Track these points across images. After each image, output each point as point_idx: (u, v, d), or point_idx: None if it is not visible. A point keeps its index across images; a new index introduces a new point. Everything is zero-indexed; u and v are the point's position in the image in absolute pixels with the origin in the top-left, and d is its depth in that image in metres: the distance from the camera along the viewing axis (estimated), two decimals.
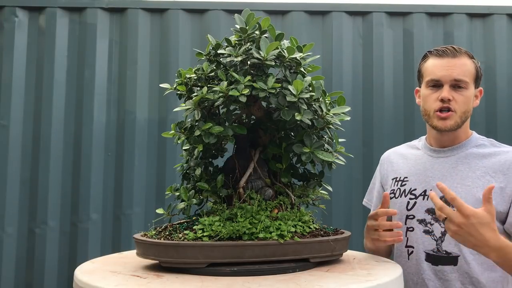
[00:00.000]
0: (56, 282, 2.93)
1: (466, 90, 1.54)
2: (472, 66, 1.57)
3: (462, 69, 1.54)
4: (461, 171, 1.56)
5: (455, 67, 1.54)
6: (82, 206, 2.96)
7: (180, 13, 3.13)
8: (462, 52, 1.57)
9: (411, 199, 1.61)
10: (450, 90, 1.53)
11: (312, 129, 1.27)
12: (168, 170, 3.00)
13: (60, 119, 3.03)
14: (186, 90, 1.33)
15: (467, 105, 1.56)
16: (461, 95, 1.54)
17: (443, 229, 1.53)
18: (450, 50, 1.56)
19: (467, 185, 1.53)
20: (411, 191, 1.63)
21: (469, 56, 1.58)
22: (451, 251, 1.52)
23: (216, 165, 1.40)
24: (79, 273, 1.16)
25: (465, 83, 1.54)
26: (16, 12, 3.07)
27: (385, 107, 3.08)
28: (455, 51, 1.56)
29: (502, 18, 3.18)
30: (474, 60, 1.59)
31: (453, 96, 1.53)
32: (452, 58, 1.55)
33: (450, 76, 1.53)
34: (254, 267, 1.13)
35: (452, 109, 1.54)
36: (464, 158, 1.59)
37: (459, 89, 1.54)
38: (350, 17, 3.18)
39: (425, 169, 1.63)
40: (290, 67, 1.29)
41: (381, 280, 1.10)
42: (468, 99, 1.56)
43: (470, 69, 1.56)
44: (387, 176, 1.76)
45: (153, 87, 3.08)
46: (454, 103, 1.54)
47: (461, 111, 1.55)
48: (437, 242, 1.54)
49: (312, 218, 1.32)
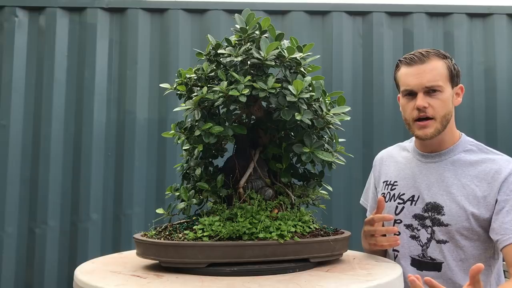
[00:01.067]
0: (56, 282, 2.94)
1: (441, 93, 1.52)
2: (443, 67, 1.54)
3: (433, 74, 1.51)
4: (447, 178, 1.55)
5: (425, 73, 1.51)
6: (82, 206, 2.96)
7: (180, 13, 3.13)
8: (431, 55, 1.54)
9: (399, 203, 1.61)
10: (424, 97, 1.51)
11: (312, 129, 1.27)
12: (168, 170, 3.00)
13: (60, 119, 3.03)
14: (186, 90, 1.33)
15: (445, 108, 1.53)
16: (437, 100, 1.51)
17: (429, 235, 1.54)
18: (418, 56, 1.54)
19: (452, 193, 1.53)
20: (399, 196, 1.63)
21: (439, 57, 1.55)
22: (436, 257, 1.53)
23: (216, 165, 1.40)
24: (79, 273, 1.16)
25: (439, 87, 1.51)
26: (16, 12, 3.07)
27: (385, 107, 3.08)
28: (422, 57, 1.53)
29: (502, 18, 3.18)
30: (446, 59, 1.56)
31: (429, 103, 1.51)
32: (420, 65, 1.53)
33: (421, 84, 1.51)
34: (254, 267, 1.13)
35: (430, 115, 1.52)
36: (451, 165, 1.57)
37: (434, 94, 1.51)
38: (350, 17, 3.18)
39: (414, 174, 1.63)
40: (290, 67, 1.29)
41: (381, 280, 1.10)
42: (445, 102, 1.53)
43: (441, 71, 1.53)
44: (379, 178, 1.76)
45: (153, 87, 3.08)
46: (431, 110, 1.51)
47: (440, 116, 1.52)
48: (423, 248, 1.55)
49: (312, 218, 1.32)
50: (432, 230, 1.53)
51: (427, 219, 1.55)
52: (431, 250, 1.53)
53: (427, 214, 1.55)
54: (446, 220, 1.51)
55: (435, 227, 1.53)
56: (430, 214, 1.55)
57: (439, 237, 1.53)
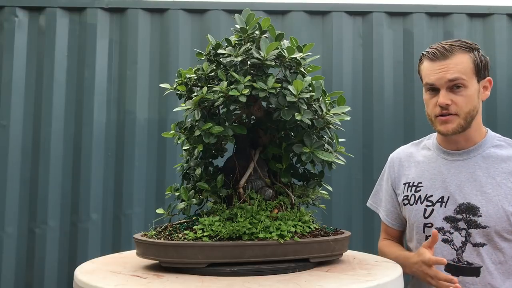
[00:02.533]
0: (56, 282, 2.93)
1: (465, 88, 1.46)
2: (468, 61, 1.47)
3: (457, 69, 1.45)
4: (479, 177, 1.49)
5: (448, 69, 1.46)
6: (82, 206, 2.96)
7: (180, 13, 3.13)
8: (455, 48, 1.47)
9: (428, 206, 1.53)
10: (447, 93, 1.46)
11: (312, 129, 1.27)
12: (168, 170, 3.00)
13: (60, 119, 3.03)
14: (186, 90, 1.33)
15: (470, 104, 1.47)
16: (460, 96, 1.46)
17: (464, 238, 1.47)
18: (441, 51, 1.48)
19: (487, 193, 1.46)
20: (427, 198, 1.54)
21: (465, 50, 1.48)
22: (473, 261, 1.46)
23: (216, 165, 1.40)
24: (79, 273, 1.16)
25: (463, 81, 1.45)
26: (16, 12, 3.07)
27: (385, 107, 3.08)
28: (446, 52, 1.47)
29: (502, 18, 3.17)
30: (472, 52, 1.49)
31: (452, 99, 1.46)
32: (443, 60, 1.47)
33: (444, 78, 1.46)
34: (254, 267, 1.13)
35: (453, 112, 1.47)
36: (482, 162, 1.51)
37: (458, 90, 1.46)
38: (350, 17, 3.18)
39: (441, 173, 1.55)
40: (290, 67, 1.29)
41: (381, 280, 1.10)
42: (470, 97, 1.47)
43: (466, 65, 1.46)
44: (398, 180, 1.66)
45: (153, 87, 3.08)
46: (454, 107, 1.46)
47: (464, 112, 1.47)
48: (457, 252, 1.48)
49: (312, 218, 1.32)
50: (467, 233, 1.46)
51: (461, 221, 1.48)
52: (467, 254, 1.46)
53: (461, 216, 1.48)
54: (484, 222, 1.44)
55: (471, 229, 1.46)
56: (464, 216, 1.47)
57: (476, 240, 1.46)
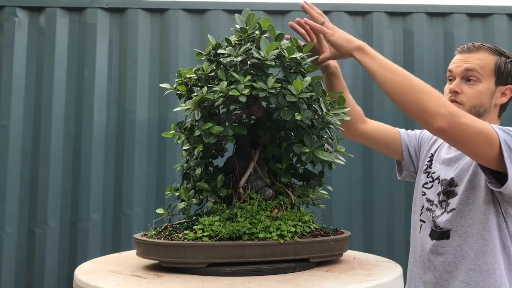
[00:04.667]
0: (56, 282, 2.94)
1: (478, 83, 1.52)
2: (491, 61, 1.53)
3: (476, 62, 1.52)
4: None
5: (468, 60, 1.54)
6: (82, 206, 2.96)
7: (180, 13, 3.13)
8: (484, 48, 1.54)
9: (430, 181, 1.64)
10: (460, 82, 1.54)
11: (312, 129, 1.27)
12: (168, 170, 3.00)
13: (60, 119, 3.03)
14: (186, 90, 1.33)
15: (477, 99, 1.52)
16: (471, 89, 1.52)
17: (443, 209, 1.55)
18: (469, 46, 1.56)
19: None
20: (431, 174, 1.66)
21: (492, 52, 1.54)
22: (445, 226, 1.54)
23: (216, 165, 1.40)
24: (79, 273, 1.16)
25: (477, 75, 1.52)
26: (16, 12, 3.07)
27: (385, 107, 3.08)
28: (473, 47, 1.55)
29: (502, 18, 3.18)
30: (499, 56, 1.54)
31: (463, 89, 1.53)
32: (468, 54, 1.55)
33: (461, 67, 1.53)
34: (254, 267, 1.13)
35: (459, 101, 1.53)
36: None
37: (470, 82, 1.53)
38: (350, 17, 3.18)
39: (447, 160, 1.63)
40: (290, 67, 1.29)
41: (381, 280, 1.10)
42: (480, 93, 1.52)
43: (486, 63, 1.52)
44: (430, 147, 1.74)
45: (153, 87, 3.08)
46: (462, 96, 1.53)
47: (469, 105, 1.52)
48: (433, 219, 1.58)
49: (312, 218, 1.32)
50: (446, 203, 1.55)
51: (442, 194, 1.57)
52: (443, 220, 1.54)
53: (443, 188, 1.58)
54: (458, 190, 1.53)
55: (450, 199, 1.54)
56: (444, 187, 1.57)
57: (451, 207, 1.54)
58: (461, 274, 1.49)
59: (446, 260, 1.52)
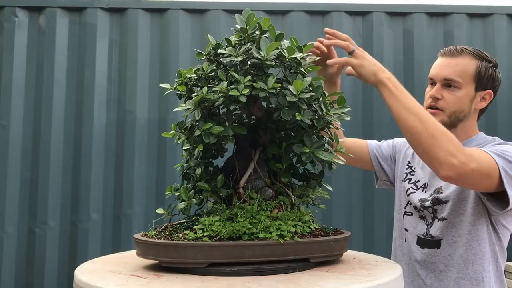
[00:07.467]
0: (56, 282, 2.94)
1: (458, 90, 1.53)
2: (472, 67, 1.53)
3: (455, 69, 1.52)
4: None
5: (448, 66, 1.54)
6: (82, 206, 2.97)
7: (180, 13, 3.13)
8: (466, 52, 1.54)
9: (413, 189, 1.65)
10: (441, 88, 1.54)
11: (312, 129, 1.27)
12: (168, 170, 3.00)
13: (60, 119, 3.03)
14: (186, 90, 1.32)
15: (457, 105, 1.53)
16: (451, 95, 1.53)
17: (432, 214, 1.57)
18: (452, 50, 1.56)
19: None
20: (415, 182, 1.66)
21: (474, 57, 1.54)
22: (436, 235, 1.54)
23: (216, 165, 1.40)
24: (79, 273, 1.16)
25: (457, 83, 1.52)
26: (16, 12, 3.07)
27: (385, 107, 3.06)
28: (455, 51, 1.54)
29: (502, 18, 3.18)
30: (481, 61, 1.55)
31: (443, 95, 1.54)
32: (450, 58, 1.55)
33: (440, 75, 1.54)
34: (254, 267, 1.13)
35: (440, 107, 1.54)
36: None
37: (450, 88, 1.53)
38: (350, 17, 3.18)
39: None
40: (290, 67, 1.29)
41: (381, 280, 1.10)
42: (460, 99, 1.53)
43: (467, 69, 1.53)
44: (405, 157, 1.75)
45: (153, 87, 3.08)
46: (442, 102, 1.54)
47: (450, 111, 1.54)
48: (427, 227, 1.58)
49: (312, 218, 1.31)
50: (433, 210, 1.56)
51: (428, 201, 1.58)
52: (435, 228, 1.55)
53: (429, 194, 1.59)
54: (445, 198, 1.53)
55: (435, 206, 1.55)
56: (431, 193, 1.58)
57: (441, 215, 1.54)
58: (451, 283, 1.51)
59: (436, 268, 1.53)
